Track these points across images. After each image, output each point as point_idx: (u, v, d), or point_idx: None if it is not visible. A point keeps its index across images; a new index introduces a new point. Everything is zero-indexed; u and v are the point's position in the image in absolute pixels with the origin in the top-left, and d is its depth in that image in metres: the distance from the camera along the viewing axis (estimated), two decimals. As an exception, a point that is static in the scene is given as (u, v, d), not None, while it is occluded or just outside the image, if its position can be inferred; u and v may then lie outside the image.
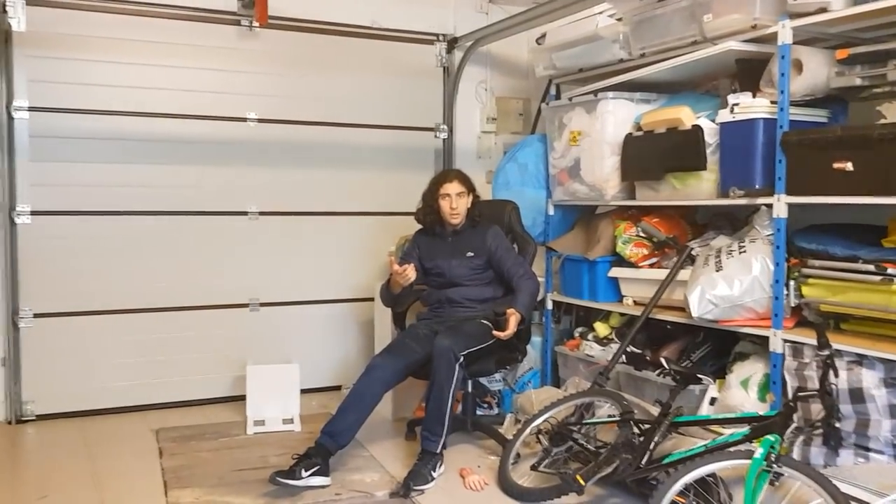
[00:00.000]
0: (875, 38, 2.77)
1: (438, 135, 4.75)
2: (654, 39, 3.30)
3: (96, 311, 3.98)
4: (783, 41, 2.76)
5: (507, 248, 3.53)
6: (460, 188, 3.49)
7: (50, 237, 3.87)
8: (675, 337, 3.36)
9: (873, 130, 2.49)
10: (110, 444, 3.56)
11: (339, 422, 3.11)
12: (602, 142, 3.54)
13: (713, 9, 2.97)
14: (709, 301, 2.91)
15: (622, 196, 3.59)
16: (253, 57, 4.23)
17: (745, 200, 2.93)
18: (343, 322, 4.56)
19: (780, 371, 2.78)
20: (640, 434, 2.72)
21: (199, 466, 3.24)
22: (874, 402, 2.45)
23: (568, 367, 3.91)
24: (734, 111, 2.93)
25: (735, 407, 2.87)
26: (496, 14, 4.65)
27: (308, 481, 2.93)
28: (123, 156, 3.99)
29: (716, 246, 3.12)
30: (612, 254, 3.64)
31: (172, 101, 4.06)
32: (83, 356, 3.97)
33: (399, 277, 3.30)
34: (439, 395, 3.08)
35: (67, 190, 3.90)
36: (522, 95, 4.88)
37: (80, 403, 3.96)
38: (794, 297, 2.79)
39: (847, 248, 2.64)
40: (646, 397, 3.26)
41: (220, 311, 4.25)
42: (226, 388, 4.25)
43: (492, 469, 3.16)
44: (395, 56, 4.58)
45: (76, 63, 3.87)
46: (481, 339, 3.27)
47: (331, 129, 4.43)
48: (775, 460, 2.20)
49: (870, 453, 2.49)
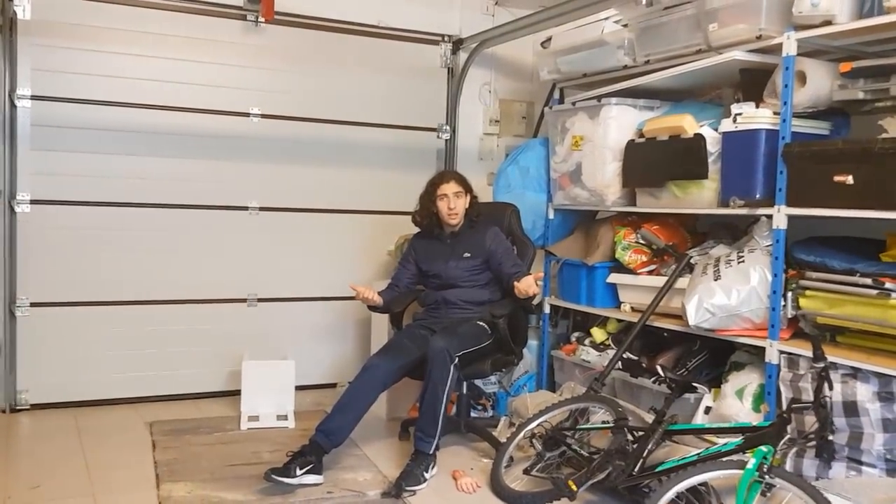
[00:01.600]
0: (878, 53, 2.78)
1: (441, 135, 4.75)
2: (659, 47, 3.31)
3: (93, 302, 3.98)
4: (788, 52, 2.77)
5: (506, 249, 3.52)
6: (457, 188, 3.49)
7: (49, 226, 3.87)
8: (672, 345, 3.36)
9: (874, 144, 2.49)
10: (104, 435, 3.56)
11: (334, 420, 3.11)
12: (604, 147, 3.54)
13: (719, 18, 2.98)
14: (706, 310, 2.92)
15: (623, 202, 3.59)
16: (257, 52, 4.23)
17: (745, 210, 2.94)
18: (340, 320, 4.57)
19: (775, 382, 2.78)
20: (633, 441, 2.72)
21: (191, 460, 3.24)
22: (868, 415, 2.46)
23: (564, 372, 3.91)
24: (737, 121, 2.93)
25: (729, 416, 2.87)
26: (502, 16, 4.65)
27: (302, 479, 2.93)
28: (125, 147, 3.99)
29: (715, 255, 3.12)
30: (611, 260, 3.64)
31: (176, 93, 4.06)
32: (79, 347, 3.97)
33: (363, 300, 3.40)
34: (434, 396, 3.08)
35: (68, 179, 3.90)
36: (526, 98, 4.88)
37: (75, 394, 3.96)
38: (792, 309, 2.79)
39: (845, 262, 2.64)
40: (641, 404, 3.26)
41: (218, 306, 4.26)
42: (221, 382, 4.26)
43: (484, 472, 3.16)
44: (400, 55, 4.58)
45: (81, 53, 3.87)
46: (477, 340, 3.28)
47: (334, 127, 4.43)
48: (767, 471, 2.21)
49: (862, 467, 2.49)
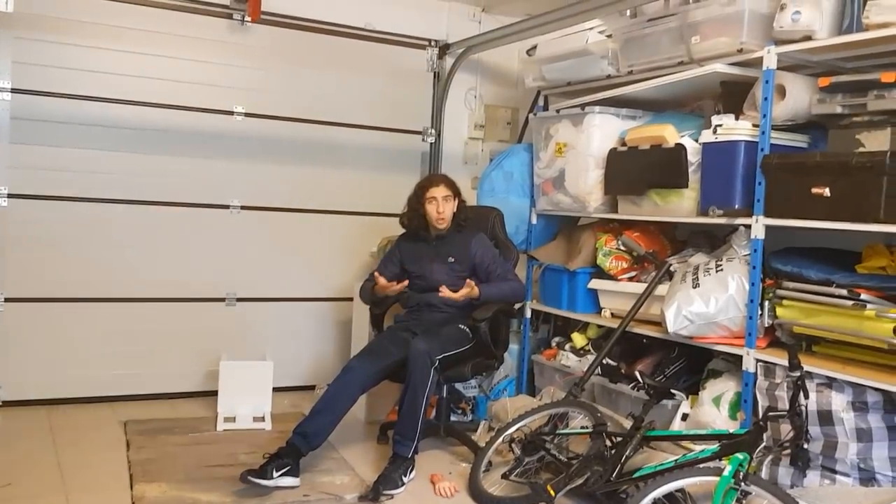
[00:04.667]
0: (857, 69, 2.84)
1: (426, 139, 4.76)
2: (642, 58, 3.35)
3: (70, 299, 3.93)
4: (768, 66, 2.81)
5: (493, 256, 3.51)
6: (446, 192, 3.49)
7: (27, 221, 3.82)
8: (651, 351, 3.39)
9: (851, 158, 2.54)
10: (77, 433, 3.51)
11: (312, 423, 3.09)
12: (587, 155, 3.57)
13: (701, 31, 3.02)
14: (685, 317, 2.94)
15: (604, 209, 3.62)
16: (243, 51, 4.21)
17: (724, 220, 2.97)
18: (320, 321, 4.55)
19: (751, 390, 2.81)
20: (611, 447, 2.73)
21: (166, 461, 3.20)
22: (842, 424, 2.49)
23: (544, 377, 3.92)
24: (717, 132, 2.97)
25: (706, 423, 2.90)
26: (489, 23, 4.67)
27: (278, 481, 2.90)
28: (106, 143, 3.95)
29: (694, 263, 3.15)
30: (592, 265, 3.67)
31: (159, 90, 4.02)
32: (54, 343, 3.91)
33: (389, 291, 3.37)
34: (413, 399, 3.08)
35: (47, 174, 3.85)
36: (511, 104, 4.91)
37: (49, 391, 3.90)
38: (768, 318, 2.83)
39: (822, 272, 2.68)
40: (619, 410, 3.29)
41: (196, 305, 4.22)
42: (198, 382, 4.22)
43: (463, 476, 3.16)
44: (387, 58, 4.58)
45: (63, 47, 3.83)
46: (458, 343, 3.28)
47: (318, 127, 4.42)
48: (743, 478, 2.23)
49: (836, 475, 2.53)
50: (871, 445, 2.47)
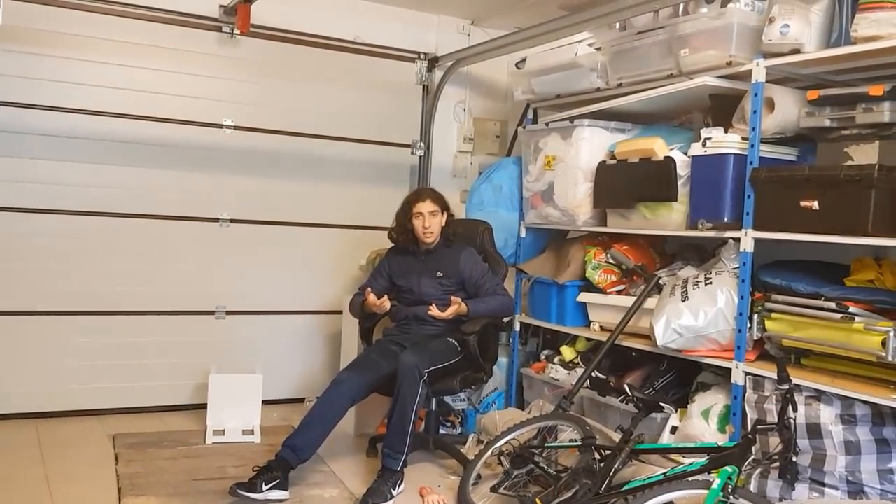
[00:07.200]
0: (845, 82, 2.86)
1: (415, 151, 4.76)
2: (631, 70, 3.36)
3: (58, 312, 3.91)
4: (757, 79, 2.83)
5: (482, 271, 3.51)
6: (433, 207, 3.49)
7: (10, 234, 3.80)
8: (640, 364, 3.39)
9: (840, 171, 2.55)
10: (65, 447, 3.48)
11: (301, 436, 3.08)
12: (576, 168, 3.58)
13: (690, 44, 3.04)
14: (674, 330, 2.95)
15: (593, 222, 3.63)
16: (232, 64, 4.21)
17: (713, 233, 2.98)
18: (309, 334, 4.53)
19: (740, 403, 2.81)
20: (600, 460, 2.73)
21: (155, 474, 3.18)
22: (831, 437, 2.49)
23: (533, 390, 3.92)
24: (706, 145, 2.98)
25: (695, 436, 2.89)
26: (478, 36, 4.69)
27: (267, 495, 2.89)
28: (93, 155, 3.93)
29: (683, 276, 3.16)
30: (581, 279, 3.67)
31: (148, 103, 4.01)
32: (41, 356, 3.88)
33: (375, 308, 3.37)
34: (402, 412, 3.07)
35: (34, 187, 3.83)
36: (500, 117, 4.92)
37: (36, 404, 3.87)
38: (757, 331, 2.83)
39: (810, 285, 2.69)
40: (608, 423, 3.28)
41: (185, 318, 4.20)
42: (187, 395, 4.19)
43: (452, 489, 3.15)
44: (376, 71, 4.58)
45: (50, 60, 3.81)
46: (447, 357, 3.28)
47: (308, 140, 4.42)
48: (732, 491, 2.22)
49: (825, 488, 2.53)
50: (859, 458, 2.47)
